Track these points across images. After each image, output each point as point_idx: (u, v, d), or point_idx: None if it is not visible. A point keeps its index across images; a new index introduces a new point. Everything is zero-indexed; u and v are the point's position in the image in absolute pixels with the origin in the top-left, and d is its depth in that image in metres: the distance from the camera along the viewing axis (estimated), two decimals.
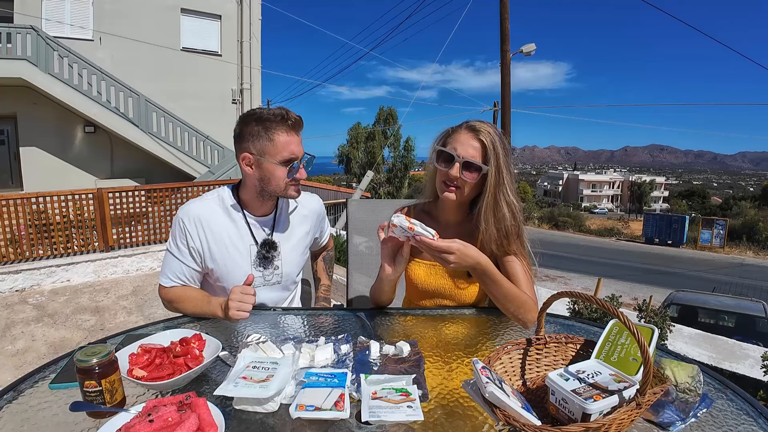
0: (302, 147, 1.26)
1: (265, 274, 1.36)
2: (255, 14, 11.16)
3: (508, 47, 8.45)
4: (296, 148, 1.23)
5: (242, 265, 1.32)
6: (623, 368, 0.76)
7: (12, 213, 5.15)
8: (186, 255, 1.30)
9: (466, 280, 1.30)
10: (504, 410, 0.67)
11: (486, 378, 0.70)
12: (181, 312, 1.28)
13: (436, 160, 1.20)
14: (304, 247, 1.46)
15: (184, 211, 1.30)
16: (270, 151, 1.21)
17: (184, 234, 1.28)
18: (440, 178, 1.22)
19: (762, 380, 2.43)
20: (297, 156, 1.23)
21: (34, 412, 0.78)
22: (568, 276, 15.77)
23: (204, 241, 1.29)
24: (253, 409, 0.79)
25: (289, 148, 1.21)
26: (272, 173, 1.23)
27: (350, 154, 34.62)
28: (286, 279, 1.41)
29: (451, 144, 1.20)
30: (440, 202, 1.28)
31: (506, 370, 0.87)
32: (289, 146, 1.22)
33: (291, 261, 1.40)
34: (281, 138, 1.21)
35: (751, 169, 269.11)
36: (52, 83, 8.10)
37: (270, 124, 1.20)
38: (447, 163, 1.18)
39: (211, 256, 1.30)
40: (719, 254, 23.22)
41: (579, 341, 0.91)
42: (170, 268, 1.30)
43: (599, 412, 0.67)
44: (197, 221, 1.29)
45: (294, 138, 1.23)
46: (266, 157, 1.21)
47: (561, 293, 0.84)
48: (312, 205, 1.49)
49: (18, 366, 3.20)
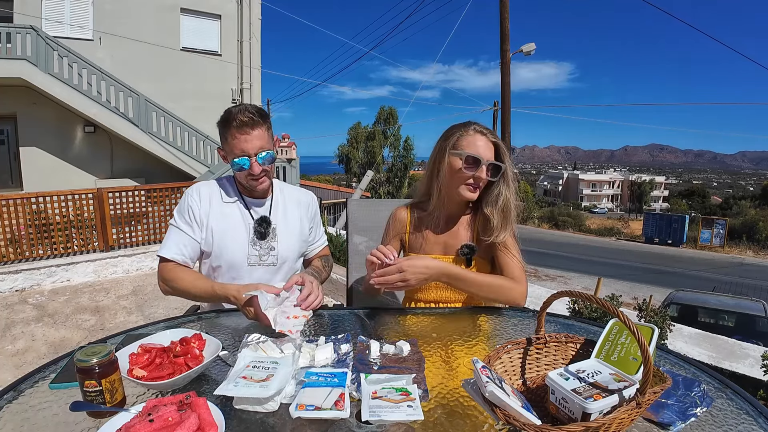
0: (260, 143, 1.32)
1: (261, 253, 1.41)
2: (255, 14, 11.16)
3: (508, 47, 8.45)
4: (246, 146, 1.30)
5: (240, 241, 1.39)
6: (623, 368, 0.76)
7: (12, 213, 5.15)
8: (193, 227, 1.36)
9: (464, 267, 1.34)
10: (504, 410, 0.67)
11: (486, 377, 0.70)
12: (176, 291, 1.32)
13: (463, 165, 1.27)
14: (299, 231, 1.50)
15: (193, 188, 1.41)
16: (227, 149, 1.35)
17: (190, 207, 1.37)
18: (462, 180, 1.29)
19: (762, 380, 2.43)
20: (246, 153, 1.31)
21: (34, 412, 0.78)
22: (568, 276, 15.77)
23: (208, 215, 1.38)
24: (253, 409, 0.78)
25: (238, 147, 1.31)
26: (233, 168, 1.36)
27: (350, 153, 34.63)
28: (282, 261, 1.44)
29: (467, 147, 1.27)
30: (449, 200, 1.35)
31: (506, 369, 0.87)
32: (238, 145, 1.31)
33: (287, 243, 1.45)
34: (231, 138, 1.31)
35: (751, 169, 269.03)
36: (51, 83, 8.09)
37: (225, 124, 1.32)
38: (473, 166, 1.26)
39: (212, 230, 1.37)
40: (719, 254, 23.21)
41: (579, 341, 0.91)
42: (172, 240, 1.36)
43: (599, 411, 0.67)
44: (204, 196, 1.40)
45: (243, 136, 1.30)
46: (228, 153, 1.35)
47: (561, 292, 0.84)
48: (305, 198, 1.58)
49: (18, 366, 3.20)
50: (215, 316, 1.24)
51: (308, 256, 1.62)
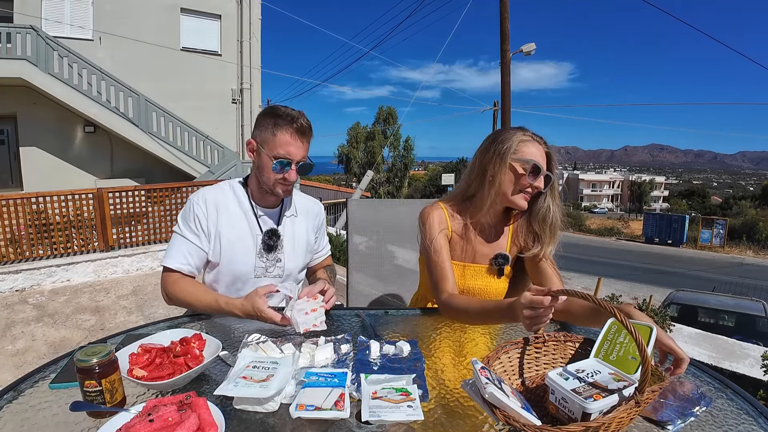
0: (303, 153, 1.28)
1: (267, 265, 1.37)
2: (255, 14, 11.16)
3: (508, 47, 8.45)
4: (294, 150, 1.25)
5: (247, 252, 1.34)
6: (622, 367, 0.76)
7: (12, 213, 5.15)
8: (200, 236, 1.31)
9: (496, 278, 1.33)
10: (504, 411, 0.67)
11: (485, 379, 0.70)
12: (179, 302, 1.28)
13: (527, 171, 1.21)
14: (305, 242, 1.47)
15: (199, 195, 1.33)
16: (269, 143, 1.25)
17: (196, 215, 1.30)
18: (521, 188, 1.24)
19: (762, 379, 2.43)
20: (291, 157, 1.25)
21: (34, 412, 0.78)
22: (568, 275, 15.75)
23: (215, 224, 1.32)
24: (253, 409, 0.79)
25: (286, 148, 1.25)
26: (265, 165, 1.27)
27: (350, 153, 34.63)
28: (287, 273, 1.42)
29: (526, 155, 1.22)
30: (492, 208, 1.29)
31: (505, 369, 0.87)
32: (286, 146, 1.24)
33: (293, 255, 1.42)
34: (283, 136, 1.24)
35: (751, 169, 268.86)
36: (52, 83, 8.09)
37: (279, 120, 1.25)
38: (533, 175, 1.22)
39: (220, 240, 1.32)
40: (719, 254, 23.19)
41: (578, 339, 0.91)
42: (177, 249, 1.30)
43: (599, 411, 0.67)
44: (211, 204, 1.32)
45: (295, 141, 1.25)
46: (265, 148, 1.26)
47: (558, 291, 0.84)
48: (314, 207, 1.52)
49: (18, 366, 3.21)
50: (215, 317, 1.24)
51: (311, 265, 1.58)
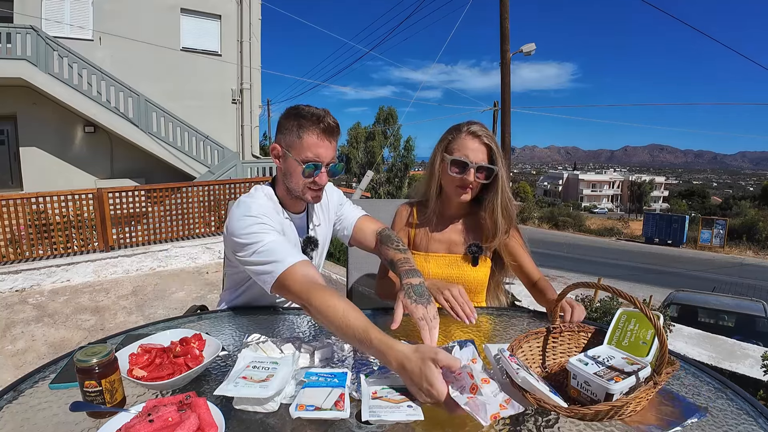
0: (333, 154, 1.21)
1: None
2: (255, 14, 11.17)
3: (508, 47, 8.44)
4: (323, 152, 1.18)
5: None
6: (634, 351, 0.83)
7: (12, 213, 5.16)
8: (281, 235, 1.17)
9: (471, 266, 1.38)
10: (534, 394, 0.73)
11: (516, 365, 0.76)
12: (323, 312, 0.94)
13: (450, 167, 1.29)
14: (328, 239, 1.46)
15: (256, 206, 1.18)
16: (296, 147, 1.18)
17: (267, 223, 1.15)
18: (454, 183, 1.31)
19: (762, 380, 2.43)
20: (321, 159, 1.18)
21: (34, 412, 0.78)
22: (568, 276, 15.75)
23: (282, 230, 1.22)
24: (253, 409, 0.78)
25: (314, 150, 1.17)
26: (293, 170, 1.20)
27: (350, 153, 34.62)
28: None
29: (459, 150, 1.29)
30: (448, 201, 1.38)
31: (526, 357, 0.93)
32: (314, 148, 1.17)
33: (320, 261, 1.43)
34: (310, 138, 1.17)
35: (751, 169, 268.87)
36: (52, 83, 8.10)
37: (304, 121, 1.17)
38: (461, 169, 1.28)
39: None
40: (719, 254, 23.20)
41: (590, 330, 0.98)
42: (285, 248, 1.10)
43: (620, 391, 0.73)
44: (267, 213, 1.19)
45: (323, 142, 1.19)
46: (291, 152, 1.19)
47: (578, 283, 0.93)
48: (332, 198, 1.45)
49: (18, 366, 3.20)
50: (215, 316, 1.24)
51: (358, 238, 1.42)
